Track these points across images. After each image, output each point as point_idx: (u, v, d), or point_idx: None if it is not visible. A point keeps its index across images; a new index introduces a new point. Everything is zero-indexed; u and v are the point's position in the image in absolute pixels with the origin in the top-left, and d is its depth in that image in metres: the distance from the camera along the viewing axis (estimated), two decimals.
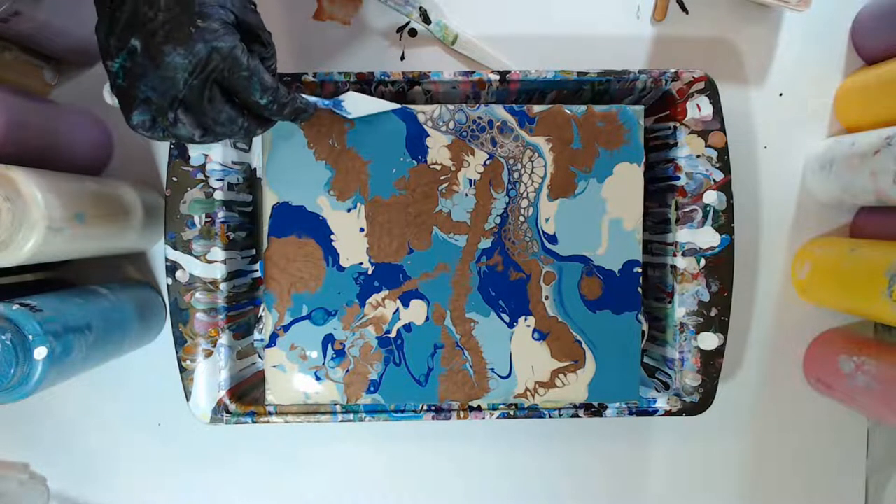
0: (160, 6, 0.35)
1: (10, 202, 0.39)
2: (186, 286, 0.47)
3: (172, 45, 0.35)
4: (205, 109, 0.38)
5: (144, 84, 0.37)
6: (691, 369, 0.48)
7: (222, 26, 0.36)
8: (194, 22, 0.35)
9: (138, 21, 0.35)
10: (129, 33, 0.36)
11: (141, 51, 0.36)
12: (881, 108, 0.51)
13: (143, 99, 0.37)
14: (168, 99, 0.37)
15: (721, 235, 0.48)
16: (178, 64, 0.36)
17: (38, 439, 0.56)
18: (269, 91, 0.39)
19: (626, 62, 0.55)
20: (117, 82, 0.37)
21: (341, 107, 0.45)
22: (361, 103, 0.46)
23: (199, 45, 0.36)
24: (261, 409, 0.48)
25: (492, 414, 0.48)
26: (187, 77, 0.36)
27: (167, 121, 0.38)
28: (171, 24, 0.35)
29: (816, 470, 0.57)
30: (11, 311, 0.39)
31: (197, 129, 0.39)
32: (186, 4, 0.35)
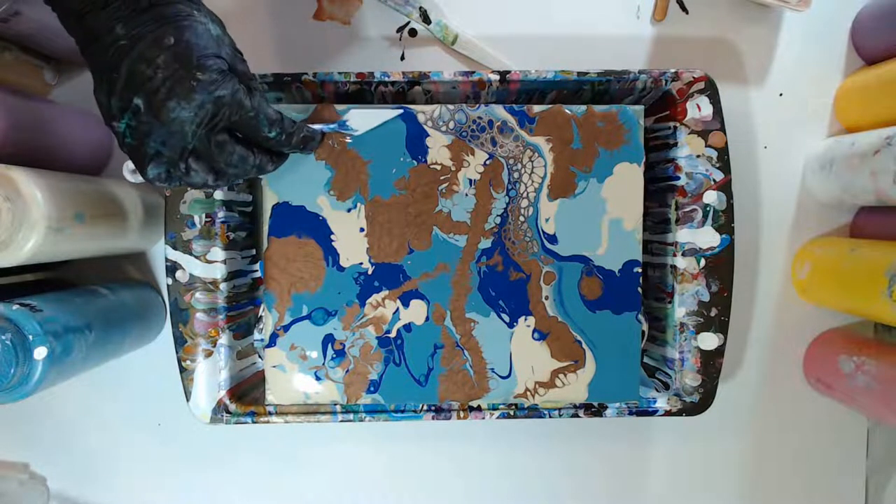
0: (158, 64, 0.35)
1: (10, 202, 0.39)
2: (186, 286, 0.47)
3: (176, 101, 0.36)
4: (215, 155, 0.38)
5: (153, 140, 0.37)
6: (691, 369, 0.48)
7: (220, 74, 0.37)
8: (194, 75, 0.36)
9: (137, 80, 0.35)
10: (131, 93, 0.36)
11: (144, 109, 0.36)
12: (881, 108, 0.51)
13: (153, 154, 0.38)
14: (178, 151, 0.37)
15: (721, 235, 0.48)
16: (183, 118, 0.36)
17: (38, 439, 0.56)
18: (276, 123, 0.40)
19: (626, 62, 0.55)
20: (126, 141, 0.37)
21: (347, 127, 0.45)
22: (365, 118, 0.46)
23: (203, 97, 0.36)
24: (261, 409, 0.48)
25: (492, 414, 0.48)
26: (195, 128, 0.37)
27: (180, 171, 0.38)
28: (171, 80, 0.35)
29: (816, 470, 0.57)
30: (11, 311, 0.39)
31: (210, 174, 0.39)
32: (184, 59, 0.36)
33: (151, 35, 0.35)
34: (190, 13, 0.37)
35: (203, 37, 0.37)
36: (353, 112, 0.46)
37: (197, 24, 0.37)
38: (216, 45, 0.37)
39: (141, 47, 0.35)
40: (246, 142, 0.40)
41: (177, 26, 0.36)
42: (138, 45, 0.35)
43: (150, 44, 0.35)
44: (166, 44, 0.35)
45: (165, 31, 0.36)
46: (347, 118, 0.45)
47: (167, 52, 0.35)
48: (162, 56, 0.35)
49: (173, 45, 0.36)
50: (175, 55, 0.35)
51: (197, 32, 0.36)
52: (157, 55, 0.35)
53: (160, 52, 0.35)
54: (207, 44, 0.37)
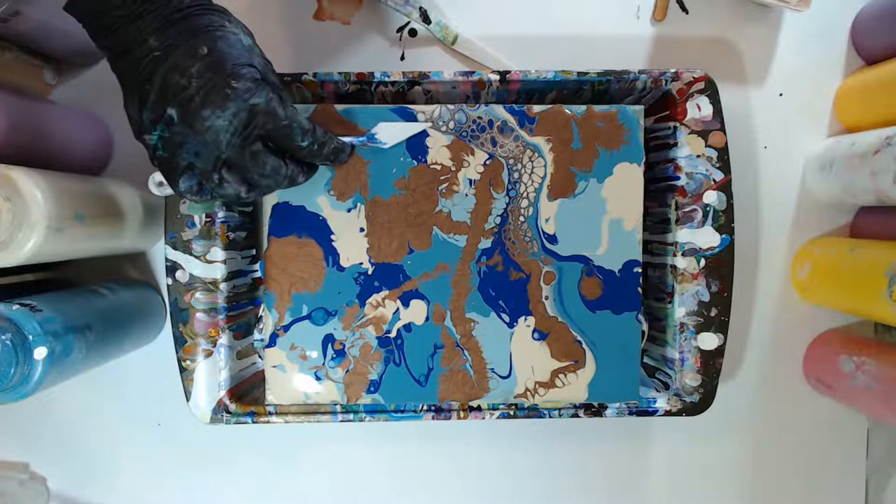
0: (192, 74, 0.35)
1: (10, 202, 0.39)
2: (186, 286, 0.47)
3: (210, 110, 0.36)
4: (248, 165, 0.38)
5: (186, 151, 0.37)
6: (691, 369, 0.48)
7: (254, 83, 0.37)
8: (229, 84, 0.36)
9: (171, 91, 0.35)
10: (164, 104, 0.36)
11: (178, 119, 0.36)
12: (881, 108, 0.51)
13: (185, 165, 0.38)
14: (211, 161, 0.37)
15: (721, 235, 0.48)
16: (218, 126, 0.36)
17: (38, 439, 0.56)
18: (308, 132, 0.40)
19: (626, 62, 0.55)
20: (157, 153, 0.37)
21: (375, 139, 0.45)
22: (393, 131, 0.46)
23: (237, 105, 0.36)
24: (261, 409, 0.48)
25: (492, 414, 0.48)
26: (229, 137, 0.37)
27: (212, 182, 0.38)
28: (205, 89, 0.35)
29: (816, 470, 0.57)
30: (11, 311, 0.39)
31: (242, 185, 0.39)
32: (218, 69, 0.36)
33: (185, 45, 0.35)
34: (222, 24, 0.37)
35: (235, 46, 0.37)
36: (381, 126, 0.45)
37: (229, 34, 0.37)
38: (248, 55, 0.37)
39: (174, 57, 0.35)
40: (278, 152, 0.40)
41: (209, 36, 0.36)
42: (172, 56, 0.35)
43: (184, 54, 0.35)
44: (200, 54, 0.36)
45: (198, 41, 0.36)
46: (376, 132, 0.45)
47: (201, 62, 0.35)
48: (196, 66, 0.35)
49: (206, 54, 0.36)
50: (209, 65, 0.36)
51: (229, 42, 0.37)
52: (191, 65, 0.35)
53: (194, 61, 0.35)
54: (240, 53, 0.37)
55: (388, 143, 0.46)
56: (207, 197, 0.39)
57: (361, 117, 0.46)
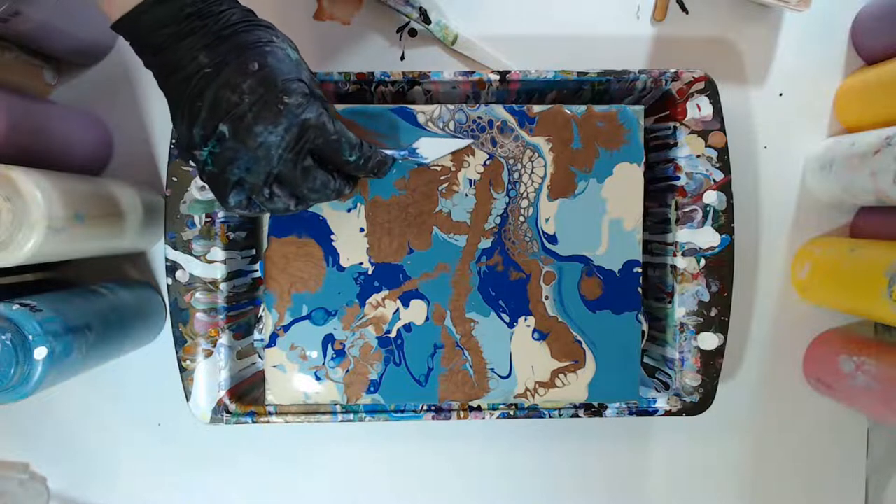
0: (244, 90, 0.35)
1: (10, 202, 0.39)
2: (186, 286, 0.47)
3: (263, 125, 0.36)
4: (299, 180, 0.38)
5: (237, 167, 0.37)
6: (691, 369, 0.48)
7: (304, 98, 0.37)
8: (280, 99, 0.36)
9: (223, 107, 0.36)
10: (216, 120, 0.36)
11: (230, 135, 0.36)
12: (881, 108, 0.51)
13: (236, 181, 0.38)
14: (262, 176, 0.37)
15: (721, 235, 0.48)
16: (270, 142, 0.36)
17: (38, 439, 0.56)
18: (356, 147, 0.40)
19: (626, 62, 0.55)
20: (206, 168, 0.37)
21: (416, 154, 0.45)
22: (434, 147, 0.46)
23: (290, 120, 0.36)
24: (261, 409, 0.48)
25: (492, 414, 0.48)
26: (281, 152, 0.37)
27: (263, 196, 0.38)
28: (258, 105, 0.36)
29: (816, 470, 0.57)
30: (11, 311, 0.39)
31: (291, 199, 0.39)
32: (270, 84, 0.36)
33: (235, 62, 0.36)
34: (270, 39, 0.37)
35: (284, 61, 0.37)
36: (423, 140, 0.46)
37: (277, 49, 0.37)
38: (297, 69, 0.38)
39: (226, 74, 0.35)
40: (326, 166, 0.40)
41: (259, 52, 0.36)
42: (223, 72, 0.36)
43: (235, 70, 0.36)
44: (251, 70, 0.36)
45: (249, 57, 0.36)
46: (417, 146, 0.45)
47: (252, 78, 0.36)
48: (248, 82, 0.35)
49: (257, 70, 0.36)
50: (260, 80, 0.36)
51: (278, 57, 0.37)
52: (243, 81, 0.35)
53: (245, 78, 0.36)
54: (289, 68, 0.37)
55: (430, 159, 0.46)
56: (256, 211, 0.40)
57: (362, 117, 0.46)
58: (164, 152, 0.53)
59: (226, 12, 0.36)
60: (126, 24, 0.36)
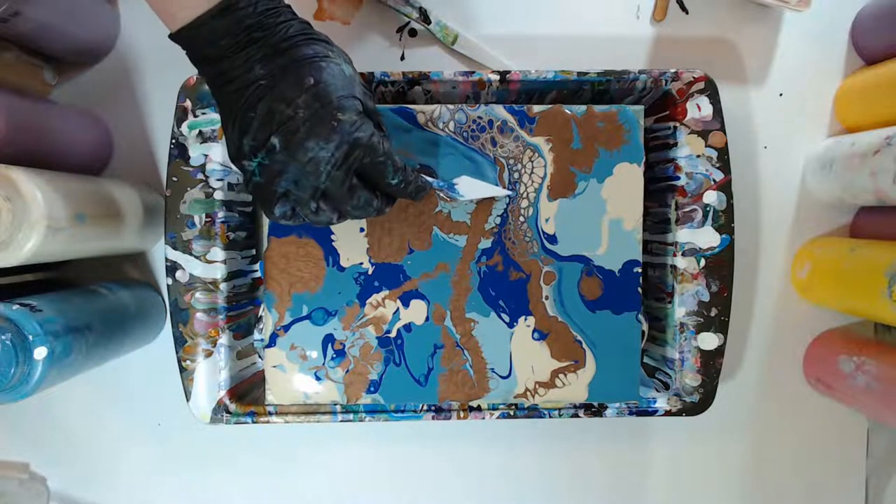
0: (298, 104, 0.35)
1: (10, 202, 0.39)
2: (186, 286, 0.47)
3: (315, 141, 0.36)
4: (345, 197, 0.38)
5: (285, 179, 0.37)
6: (691, 369, 0.48)
7: (358, 116, 0.37)
8: (335, 116, 0.36)
9: (276, 120, 0.36)
10: (267, 133, 0.36)
11: (281, 148, 0.36)
12: (881, 108, 0.51)
13: (282, 193, 0.38)
14: (310, 191, 0.37)
15: (721, 235, 0.48)
16: (320, 157, 0.36)
17: (38, 439, 0.56)
18: (400, 171, 0.40)
19: (626, 62, 0.55)
20: (254, 179, 0.38)
21: (454, 189, 0.45)
22: (473, 187, 0.46)
23: (341, 137, 0.36)
24: (261, 409, 0.48)
25: (492, 414, 0.48)
26: (330, 169, 0.37)
27: (308, 209, 0.38)
28: (311, 120, 0.36)
29: (816, 470, 0.57)
30: (11, 311, 0.39)
31: (335, 213, 0.39)
32: (325, 100, 0.36)
33: (292, 75, 0.36)
34: (326, 54, 0.37)
35: (339, 77, 0.37)
36: (464, 178, 0.46)
37: (333, 64, 0.37)
38: (351, 86, 0.38)
39: (281, 87, 0.36)
40: (371, 187, 0.40)
41: (315, 67, 0.36)
42: (278, 86, 0.36)
43: (291, 84, 0.36)
44: (307, 84, 0.36)
45: (305, 71, 0.36)
46: (457, 182, 0.45)
47: (307, 93, 0.36)
48: (302, 97, 0.35)
49: (313, 85, 0.36)
50: (315, 96, 0.36)
51: (334, 73, 0.37)
52: (298, 95, 0.35)
53: (300, 92, 0.36)
54: (344, 84, 0.37)
55: (465, 198, 0.46)
56: (299, 222, 0.40)
57: None
58: (164, 152, 0.52)
59: (283, 24, 0.37)
60: (185, 34, 0.36)
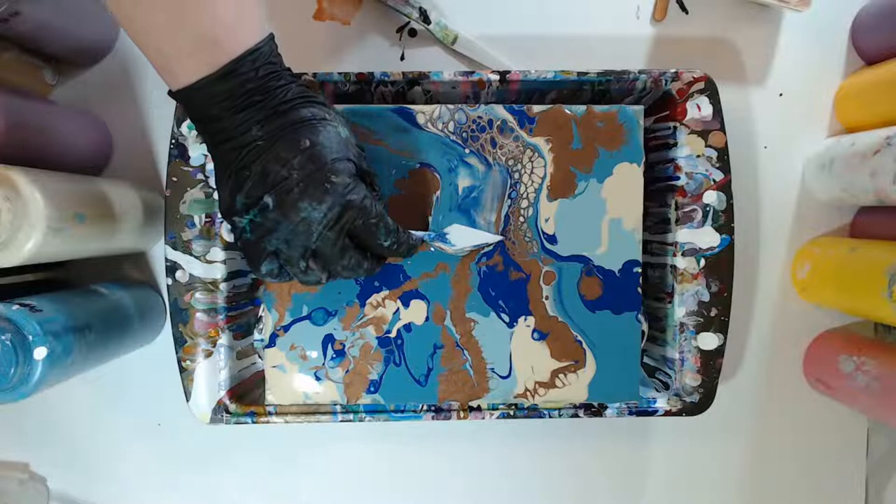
0: (293, 165, 0.36)
1: (10, 202, 0.39)
2: (186, 286, 0.47)
3: (308, 202, 0.36)
4: (335, 257, 0.39)
5: (275, 237, 0.37)
6: (691, 369, 0.48)
7: (352, 178, 0.38)
8: (328, 178, 0.36)
9: (271, 180, 0.36)
10: (261, 191, 0.36)
11: (273, 207, 0.36)
12: (881, 108, 0.51)
13: (271, 251, 0.38)
14: (300, 250, 0.38)
15: (721, 235, 0.48)
16: (312, 218, 0.37)
17: (38, 439, 0.56)
18: (392, 232, 0.40)
19: (626, 62, 0.55)
20: (244, 236, 0.38)
21: (446, 239, 0.45)
22: (464, 235, 0.46)
23: (334, 199, 0.37)
24: (261, 409, 0.48)
25: (492, 414, 0.48)
26: (321, 229, 0.37)
27: (297, 268, 0.39)
28: (305, 181, 0.36)
29: (816, 470, 0.57)
30: (11, 311, 0.39)
31: (324, 273, 0.40)
32: (320, 162, 0.36)
33: (288, 137, 0.36)
34: (323, 116, 0.38)
35: (335, 139, 0.38)
36: (455, 227, 0.46)
37: (329, 125, 0.38)
38: (346, 149, 0.38)
39: (277, 148, 0.36)
40: (362, 247, 0.40)
41: (312, 129, 0.37)
42: (275, 146, 0.36)
43: (287, 145, 0.36)
44: (302, 146, 0.36)
45: (301, 133, 0.36)
46: (448, 232, 0.45)
47: (302, 155, 0.36)
48: (298, 157, 0.36)
49: (308, 147, 0.36)
50: (310, 157, 0.36)
51: (329, 135, 0.37)
52: (293, 156, 0.36)
53: (296, 153, 0.36)
54: (339, 147, 0.38)
55: (457, 246, 0.46)
56: (285, 279, 0.40)
57: (362, 117, 0.46)
58: (164, 152, 0.52)
59: (283, 87, 0.37)
60: (185, 94, 0.36)
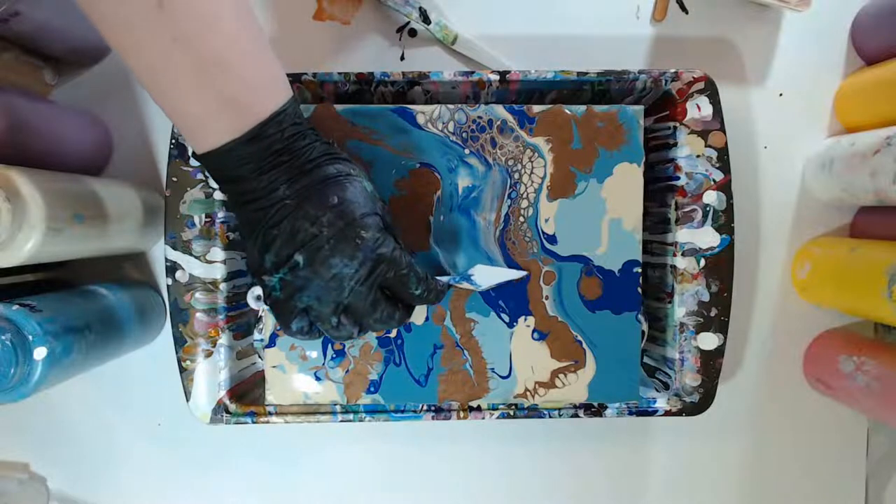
0: (323, 222, 0.36)
1: (9, 202, 0.39)
2: (186, 286, 0.47)
3: (339, 258, 0.36)
4: (367, 311, 0.39)
5: (306, 295, 0.37)
6: (691, 369, 0.48)
7: (381, 232, 0.38)
8: (358, 234, 0.37)
9: (300, 238, 0.36)
10: (291, 249, 0.36)
11: (304, 265, 0.36)
12: (881, 108, 0.51)
13: (302, 308, 0.38)
14: (332, 306, 0.38)
15: (721, 235, 0.48)
16: (344, 274, 0.37)
17: (38, 439, 0.56)
18: (422, 281, 0.40)
19: (626, 62, 0.55)
20: (273, 294, 0.38)
21: (471, 280, 0.45)
22: (489, 274, 0.46)
23: (365, 254, 0.37)
24: (261, 409, 0.48)
25: (492, 414, 0.48)
26: (353, 284, 0.37)
27: (329, 324, 0.39)
28: (335, 238, 0.36)
29: (816, 470, 0.57)
30: (11, 311, 0.39)
31: (356, 327, 0.39)
32: (349, 218, 0.36)
33: (317, 194, 0.36)
34: (348, 172, 0.38)
35: (362, 195, 0.38)
36: (479, 268, 0.45)
37: (355, 181, 0.38)
38: (372, 203, 0.38)
39: (306, 206, 0.36)
40: (393, 299, 0.40)
41: (339, 186, 0.37)
42: (303, 205, 0.36)
43: (316, 203, 0.36)
44: (331, 202, 0.36)
45: (329, 191, 0.37)
46: (473, 273, 0.45)
47: (331, 212, 0.36)
48: (327, 215, 0.36)
49: (337, 204, 0.36)
50: (339, 214, 0.36)
51: (356, 191, 0.37)
52: (323, 214, 0.36)
53: (325, 211, 0.36)
54: (366, 202, 0.38)
55: (483, 286, 0.46)
56: (315, 336, 0.40)
57: (362, 117, 0.46)
58: (164, 152, 0.52)
59: (308, 146, 0.37)
60: (212, 157, 0.36)
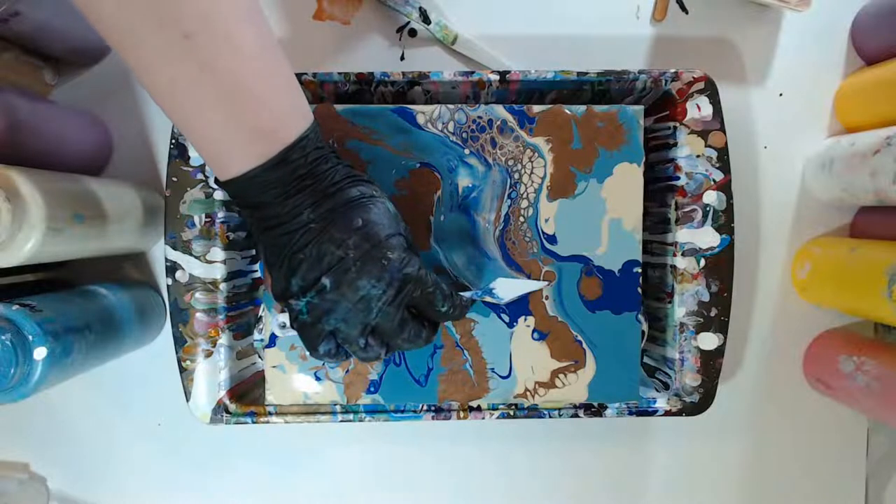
0: (349, 245, 0.36)
1: (9, 202, 0.39)
2: (186, 286, 0.47)
3: (366, 280, 0.36)
4: (395, 331, 0.39)
5: (333, 317, 0.37)
6: (691, 369, 0.48)
7: (406, 252, 0.38)
8: (384, 255, 0.37)
9: (327, 261, 0.36)
10: (318, 273, 0.36)
11: (331, 287, 0.36)
12: (881, 108, 0.51)
13: (329, 331, 0.38)
14: (359, 328, 0.38)
15: (721, 235, 0.48)
16: (372, 295, 0.37)
17: (38, 439, 0.56)
18: (448, 298, 0.40)
19: (626, 62, 0.55)
20: (300, 318, 0.38)
21: (493, 294, 0.45)
22: (511, 287, 0.46)
23: (392, 275, 0.37)
24: (261, 409, 0.48)
25: (492, 414, 0.48)
26: (380, 305, 0.37)
27: (357, 346, 0.39)
28: (362, 260, 0.36)
29: (816, 470, 0.57)
30: (11, 312, 0.39)
31: (383, 348, 0.39)
32: (375, 239, 0.37)
33: (341, 218, 0.36)
34: (371, 194, 0.38)
35: (385, 216, 0.38)
36: (500, 281, 0.45)
37: (378, 202, 0.38)
38: (396, 224, 0.38)
39: (331, 230, 0.36)
40: (419, 317, 0.41)
41: (364, 208, 0.37)
42: (329, 228, 0.36)
43: (341, 226, 0.36)
44: (356, 225, 0.36)
45: (354, 213, 0.37)
46: (494, 287, 0.45)
47: (357, 234, 0.36)
48: (353, 237, 0.36)
49: (362, 226, 0.36)
50: (365, 236, 0.36)
51: (380, 213, 0.38)
52: (348, 236, 0.36)
53: (350, 234, 0.36)
54: (390, 223, 0.38)
55: (505, 299, 0.46)
56: (342, 358, 0.40)
57: (362, 117, 0.46)
58: (164, 152, 0.52)
59: (331, 170, 0.37)
60: (236, 184, 0.36)
